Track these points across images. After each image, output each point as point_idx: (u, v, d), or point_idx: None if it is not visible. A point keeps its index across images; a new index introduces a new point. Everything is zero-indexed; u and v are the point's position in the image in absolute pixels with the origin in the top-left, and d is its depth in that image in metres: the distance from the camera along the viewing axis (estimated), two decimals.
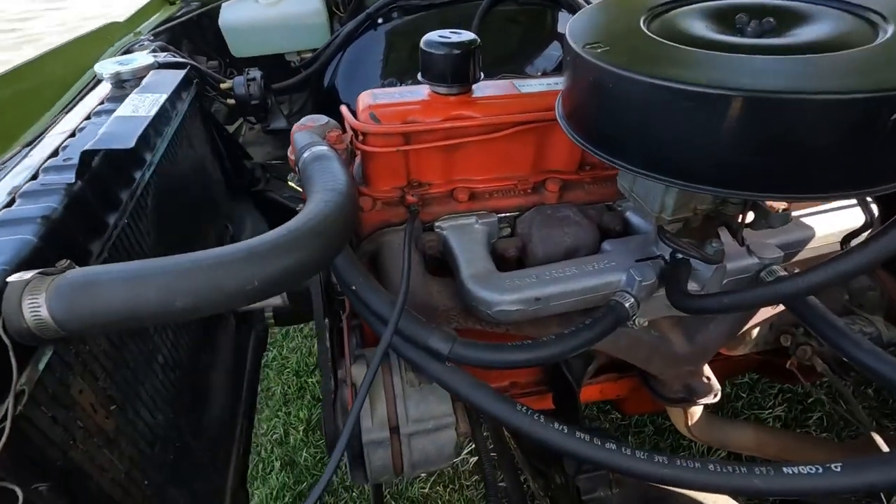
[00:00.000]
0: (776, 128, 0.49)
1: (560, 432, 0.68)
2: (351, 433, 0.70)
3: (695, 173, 0.56)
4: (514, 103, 0.91)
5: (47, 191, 0.66)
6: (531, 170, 0.97)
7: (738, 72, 0.52)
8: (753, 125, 0.50)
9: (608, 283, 0.84)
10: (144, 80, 0.94)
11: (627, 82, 0.55)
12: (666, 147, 0.56)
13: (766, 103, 0.49)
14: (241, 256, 0.57)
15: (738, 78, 0.50)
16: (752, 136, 0.50)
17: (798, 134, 0.49)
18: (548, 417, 0.69)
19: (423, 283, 0.92)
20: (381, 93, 0.92)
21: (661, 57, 0.58)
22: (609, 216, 0.98)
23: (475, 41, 0.87)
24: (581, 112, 0.67)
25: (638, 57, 0.58)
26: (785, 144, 0.50)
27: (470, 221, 0.93)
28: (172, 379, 0.91)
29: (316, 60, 1.89)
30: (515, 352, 0.72)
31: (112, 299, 0.52)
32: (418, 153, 0.91)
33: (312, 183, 0.73)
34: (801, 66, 0.51)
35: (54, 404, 0.59)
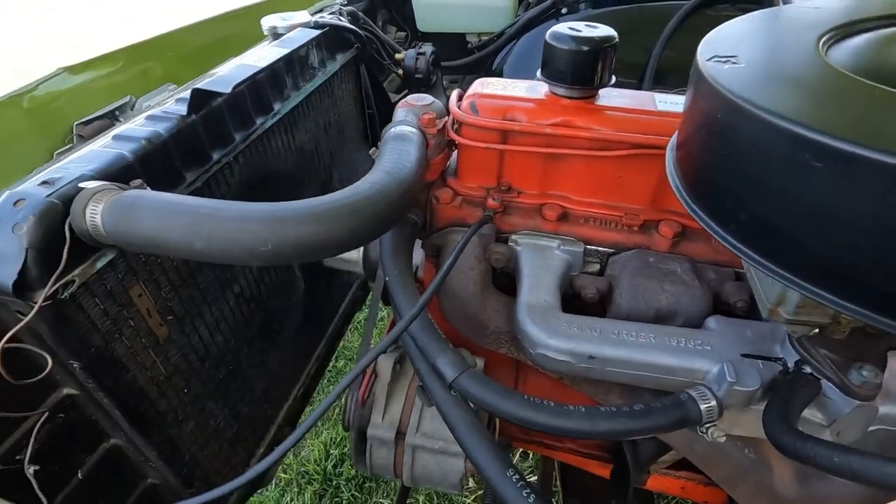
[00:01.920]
0: None
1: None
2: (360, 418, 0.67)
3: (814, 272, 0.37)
4: (641, 120, 0.74)
5: (164, 118, 0.74)
6: (646, 204, 0.80)
7: None
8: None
9: (692, 369, 0.65)
10: (284, 36, 1.01)
11: (740, 113, 0.39)
12: (772, 219, 0.39)
13: None
14: (260, 216, 0.57)
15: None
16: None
17: None
18: (539, 499, 0.56)
19: (481, 296, 0.83)
20: (495, 82, 0.84)
21: (811, 87, 0.39)
22: (733, 287, 0.75)
23: (611, 39, 0.73)
24: (686, 146, 0.50)
25: (776, 82, 0.40)
26: None
27: (550, 244, 0.81)
28: (244, 310, 0.99)
29: (490, 44, 1.85)
30: (526, 409, 0.60)
31: (144, 226, 0.57)
32: (514, 156, 0.81)
33: (378, 161, 0.70)
34: None
35: (109, 300, 0.68)
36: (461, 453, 0.80)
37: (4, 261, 0.55)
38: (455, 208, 0.85)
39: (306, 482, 1.78)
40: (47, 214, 0.57)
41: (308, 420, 0.58)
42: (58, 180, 0.60)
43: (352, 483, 1.76)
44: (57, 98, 0.97)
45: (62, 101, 0.97)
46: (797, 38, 0.47)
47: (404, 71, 1.71)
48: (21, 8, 1.56)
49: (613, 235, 0.81)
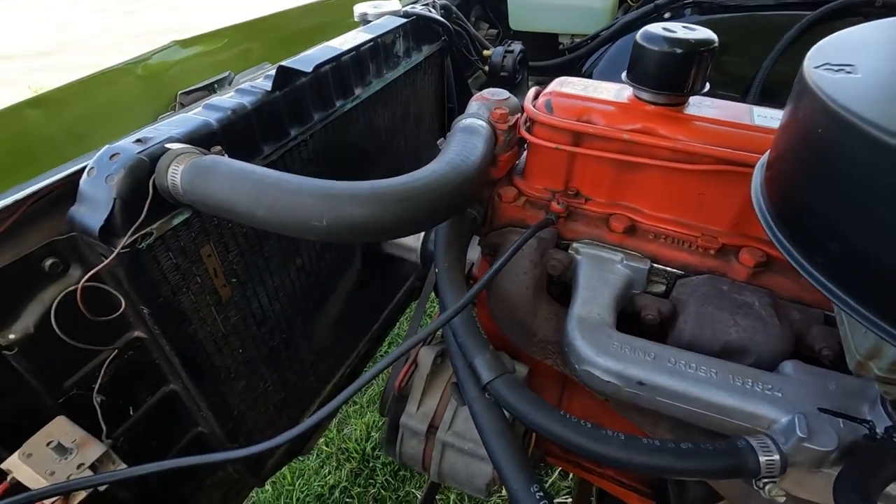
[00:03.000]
0: None
1: None
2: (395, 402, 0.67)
3: None
4: (733, 134, 0.68)
5: (250, 92, 0.79)
6: (726, 226, 0.73)
7: None
8: None
9: (754, 414, 0.59)
10: (372, 22, 1.03)
11: (851, 132, 0.34)
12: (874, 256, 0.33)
13: None
14: (319, 192, 0.58)
15: None
16: None
17: None
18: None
19: (533, 302, 0.80)
20: (576, 82, 0.80)
21: None
22: (819, 331, 0.67)
23: (709, 43, 0.66)
24: (777, 165, 0.45)
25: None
26: None
27: (613, 257, 0.76)
28: (303, 283, 1.03)
29: (582, 46, 1.79)
30: (559, 425, 0.57)
31: (215, 190, 0.60)
32: (586, 160, 0.77)
33: (443, 151, 0.69)
34: None
35: (181, 255, 0.73)
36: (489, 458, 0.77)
37: (96, 207, 0.61)
38: (518, 208, 0.83)
39: (345, 458, 1.83)
40: (136, 169, 0.62)
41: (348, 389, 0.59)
42: (149, 139, 0.65)
43: (387, 468, 1.79)
44: (167, 68, 1.06)
45: (171, 71, 1.07)
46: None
47: (490, 68, 1.70)
48: None
49: (685, 256, 0.74)
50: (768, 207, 0.44)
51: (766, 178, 0.47)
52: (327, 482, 1.75)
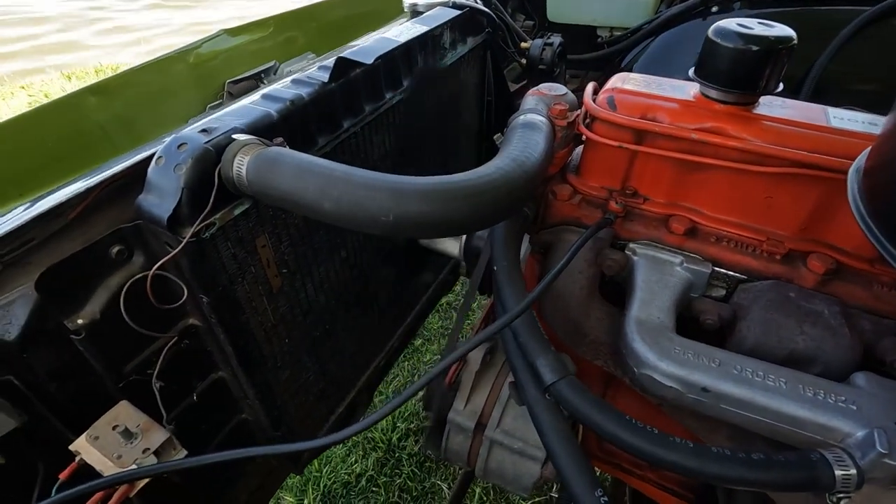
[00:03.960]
0: None
1: None
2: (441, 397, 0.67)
3: None
4: (808, 136, 0.65)
5: (307, 83, 0.78)
6: (795, 231, 0.71)
7: None
8: None
9: (827, 427, 0.57)
10: (425, 14, 1.02)
11: None
12: None
13: None
14: (387, 186, 0.58)
15: None
16: None
17: None
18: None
19: (586, 302, 0.79)
20: (640, 79, 0.78)
21: None
22: (892, 343, 0.64)
23: (788, 40, 0.64)
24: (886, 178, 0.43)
25: None
26: None
27: (672, 259, 0.74)
28: (346, 275, 1.04)
29: (623, 39, 1.75)
30: (625, 429, 0.56)
31: (281, 181, 0.60)
32: (647, 158, 0.75)
33: (505, 147, 0.68)
34: None
35: (239, 245, 0.73)
36: (539, 458, 0.77)
37: (164, 196, 0.61)
38: (573, 206, 0.81)
39: (371, 448, 1.85)
40: (203, 159, 0.62)
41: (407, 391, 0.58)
42: (214, 130, 0.65)
43: (413, 459, 1.80)
44: (215, 57, 1.06)
45: (219, 60, 1.07)
46: None
47: (528, 60, 1.67)
48: None
49: (749, 261, 0.72)
50: (870, 215, 0.43)
51: (866, 187, 0.45)
52: (354, 470, 1.77)
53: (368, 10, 1.47)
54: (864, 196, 0.44)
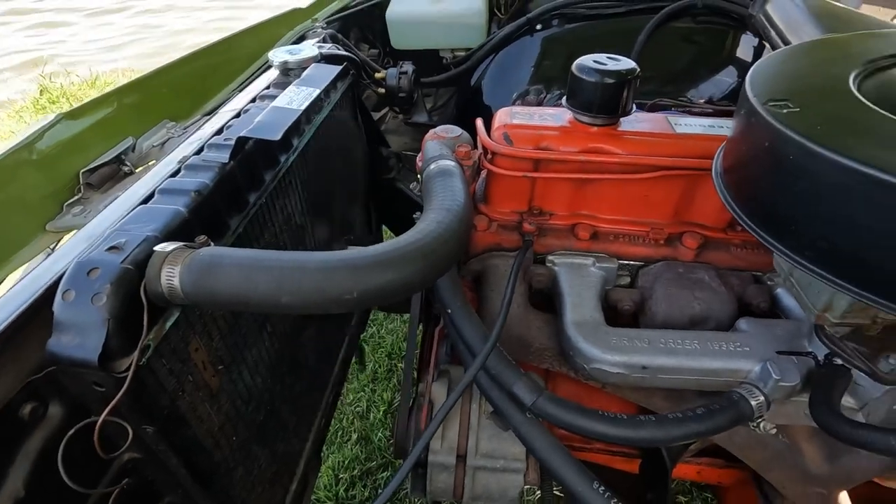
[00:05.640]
0: None
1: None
2: (418, 452, 0.69)
3: (886, 287, 0.44)
4: (663, 144, 0.81)
5: (205, 167, 0.73)
6: (669, 219, 0.87)
7: None
8: None
9: (735, 370, 0.72)
10: (305, 73, 1.01)
11: (815, 159, 0.45)
12: (851, 248, 0.45)
13: None
14: (345, 265, 0.58)
15: None
16: None
17: None
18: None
19: (524, 316, 0.87)
20: (520, 112, 0.88)
21: (870, 133, 0.46)
22: (754, 289, 0.83)
23: (633, 71, 0.78)
24: (743, 176, 0.57)
25: (837, 128, 0.47)
26: None
27: (586, 262, 0.86)
28: (276, 347, 0.98)
29: (467, 59, 1.90)
30: (605, 424, 0.65)
31: (229, 284, 0.56)
32: (546, 181, 0.86)
33: (431, 198, 0.72)
34: None
35: (173, 358, 0.66)
36: (521, 469, 0.83)
37: (87, 333, 0.53)
38: (492, 234, 0.89)
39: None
40: (124, 281, 0.56)
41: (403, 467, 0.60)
42: (125, 244, 0.59)
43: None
44: (59, 147, 0.92)
45: (64, 149, 0.93)
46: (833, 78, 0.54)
47: (387, 90, 1.73)
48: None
49: (642, 250, 0.87)
50: (743, 209, 0.56)
51: (729, 184, 0.59)
52: None
53: (215, 62, 1.38)
54: (729, 189, 0.58)
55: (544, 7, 1.76)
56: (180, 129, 1.10)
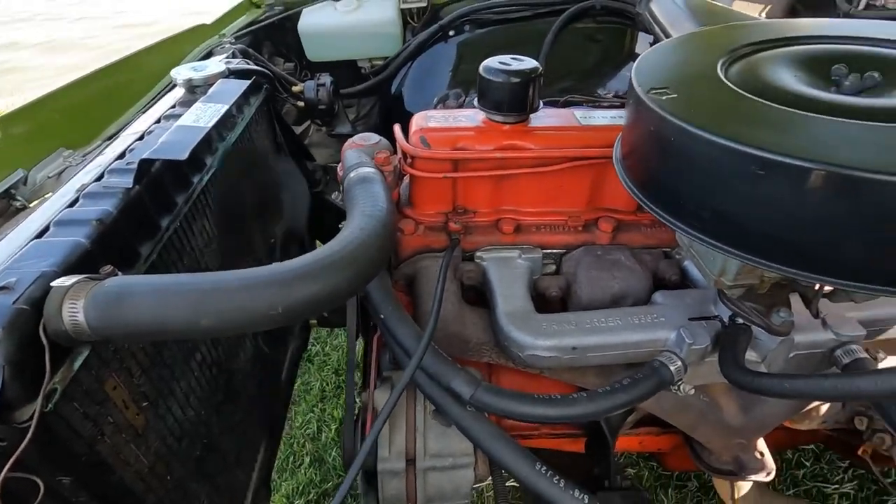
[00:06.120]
0: (863, 211, 0.42)
1: (579, 501, 0.63)
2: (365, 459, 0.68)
3: (760, 247, 0.49)
4: (571, 136, 0.86)
5: (107, 193, 0.69)
6: (585, 206, 0.92)
7: (824, 140, 0.45)
8: (836, 205, 0.43)
9: (654, 340, 0.78)
10: (211, 90, 0.98)
11: (691, 139, 0.50)
12: (728, 216, 0.50)
13: (854, 182, 0.42)
14: (268, 282, 0.57)
15: (824, 148, 0.44)
16: (834, 218, 0.44)
17: (889, 221, 0.41)
18: (568, 483, 0.64)
19: (458, 314, 0.89)
20: (435, 115, 0.90)
21: (735, 112, 0.51)
22: (665, 264, 0.90)
23: (536, 70, 0.83)
24: (637, 160, 0.61)
25: (708, 110, 0.52)
26: (872, 231, 0.42)
27: (512, 255, 0.89)
28: (208, 377, 0.94)
29: (386, 68, 1.91)
30: (541, 406, 0.68)
31: (142, 313, 0.54)
32: (466, 180, 0.88)
33: (353, 206, 0.72)
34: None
35: (87, 400, 0.62)
36: (470, 463, 0.84)
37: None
38: (420, 237, 0.90)
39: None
40: (19, 323, 0.51)
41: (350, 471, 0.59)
42: (17, 283, 0.54)
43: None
44: None
45: None
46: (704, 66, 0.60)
47: (306, 103, 1.70)
48: None
49: (563, 237, 0.91)
50: (640, 190, 0.61)
51: (628, 168, 0.64)
52: None
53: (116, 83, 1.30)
54: (628, 173, 0.63)
55: (455, 14, 1.81)
56: (79, 157, 1.03)
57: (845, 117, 0.48)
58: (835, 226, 0.45)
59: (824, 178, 0.43)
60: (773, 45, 0.64)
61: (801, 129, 0.48)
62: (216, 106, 0.90)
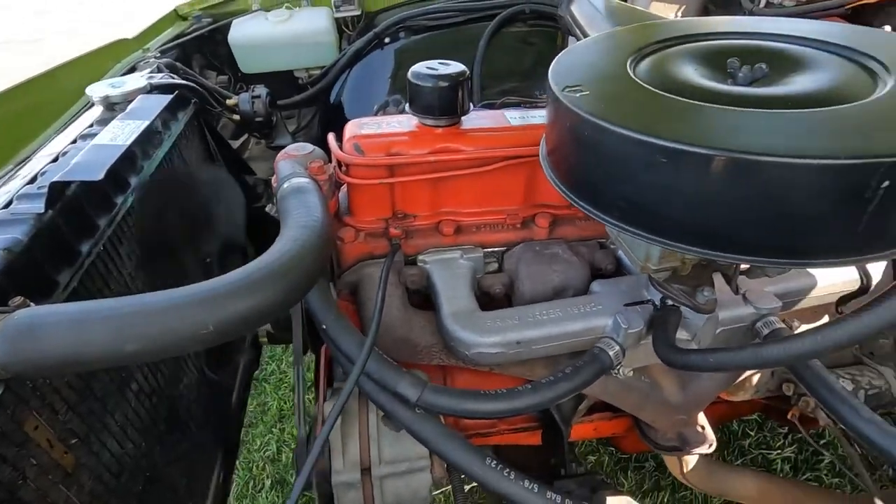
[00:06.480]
0: (757, 191, 0.46)
1: (529, 491, 0.64)
2: (317, 473, 0.67)
3: (672, 232, 0.52)
4: (503, 136, 0.88)
5: (16, 221, 0.65)
6: (521, 204, 0.94)
7: (718, 128, 0.49)
8: (733, 187, 0.46)
9: (593, 328, 0.81)
10: (130, 106, 0.94)
11: (602, 132, 0.53)
12: (641, 204, 0.53)
13: (747, 165, 0.45)
14: (195, 300, 0.55)
15: (718, 135, 0.47)
16: (732, 199, 0.47)
17: (779, 199, 0.45)
18: (518, 474, 0.65)
19: (405, 319, 0.89)
20: (368, 122, 0.91)
21: (641, 106, 0.54)
22: (601, 254, 0.94)
23: (464, 73, 0.85)
24: (559, 156, 0.64)
25: (617, 105, 0.55)
26: (766, 209, 0.46)
27: (454, 256, 0.91)
28: (147, 406, 0.90)
29: (323, 78, 1.89)
30: (487, 402, 0.69)
31: (57, 344, 0.51)
32: (404, 185, 0.89)
33: (286, 217, 0.71)
34: (786, 123, 0.48)
35: (4, 442, 0.57)
36: (426, 466, 0.84)
37: None
38: (360, 244, 0.90)
39: None
40: None
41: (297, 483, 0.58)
42: None
43: None
44: None
45: None
46: (614, 64, 0.63)
47: (241, 116, 1.66)
48: None
49: (503, 235, 0.93)
50: (563, 184, 0.63)
51: (553, 164, 0.66)
52: None
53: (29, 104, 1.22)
54: (553, 169, 0.65)
55: (389, 21, 1.82)
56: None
57: (738, 106, 0.52)
58: (735, 207, 0.48)
59: (721, 163, 0.46)
60: (677, 43, 0.68)
61: (699, 119, 0.51)
62: (136, 123, 0.86)
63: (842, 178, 0.42)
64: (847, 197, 0.43)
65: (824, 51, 0.61)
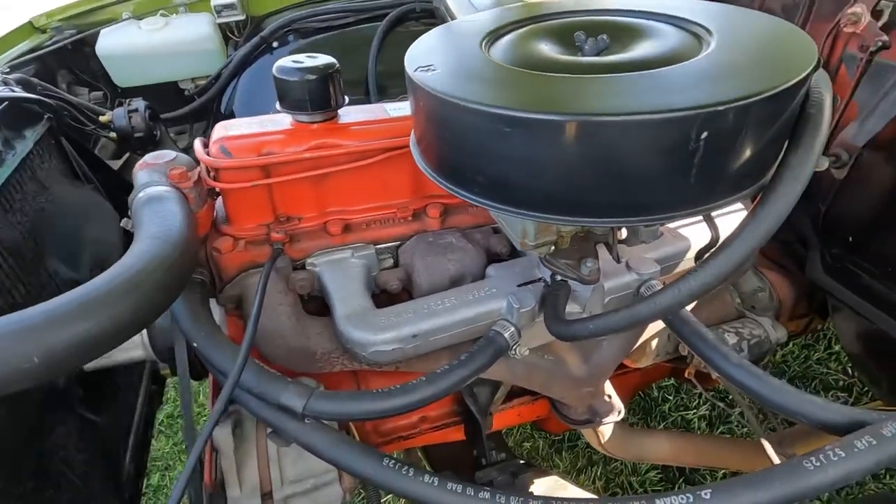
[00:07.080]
0: (598, 152, 0.47)
1: (429, 485, 0.62)
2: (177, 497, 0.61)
3: (530, 202, 0.52)
4: (382, 128, 0.86)
5: None
6: (411, 196, 0.93)
7: (558, 93, 0.49)
8: (577, 150, 0.47)
9: (488, 311, 0.80)
10: None
11: (452, 108, 0.52)
12: (497, 176, 0.53)
13: (586, 126, 0.46)
14: (15, 329, 0.48)
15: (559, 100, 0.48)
16: (577, 162, 0.48)
17: (619, 159, 0.46)
18: (417, 470, 0.63)
19: (299, 327, 0.84)
20: (237, 123, 0.85)
21: (491, 81, 0.54)
22: (495, 239, 0.94)
23: (332, 65, 0.81)
24: (423, 139, 0.63)
25: (466, 80, 0.54)
26: (607, 168, 0.47)
27: (345, 256, 0.87)
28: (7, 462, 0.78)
29: (210, 87, 1.78)
30: (382, 400, 0.66)
31: None
32: (283, 186, 0.84)
33: (138, 229, 0.65)
34: (621, 86, 0.49)
35: None
36: (334, 479, 0.80)
37: None
38: (241, 253, 0.84)
39: None
40: None
41: None
42: None
43: None
44: None
45: None
46: (467, 44, 0.63)
47: (118, 133, 1.53)
48: None
49: (395, 230, 0.91)
50: (430, 167, 0.62)
51: (421, 151, 0.65)
52: None
53: None
54: (423, 158, 0.64)
55: (276, 24, 1.75)
56: None
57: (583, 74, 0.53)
58: (580, 170, 0.49)
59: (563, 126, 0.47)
60: (531, 23, 0.69)
61: (543, 88, 0.51)
62: None
63: (666, 131, 0.44)
64: (675, 150, 0.45)
65: (661, 21, 0.64)
